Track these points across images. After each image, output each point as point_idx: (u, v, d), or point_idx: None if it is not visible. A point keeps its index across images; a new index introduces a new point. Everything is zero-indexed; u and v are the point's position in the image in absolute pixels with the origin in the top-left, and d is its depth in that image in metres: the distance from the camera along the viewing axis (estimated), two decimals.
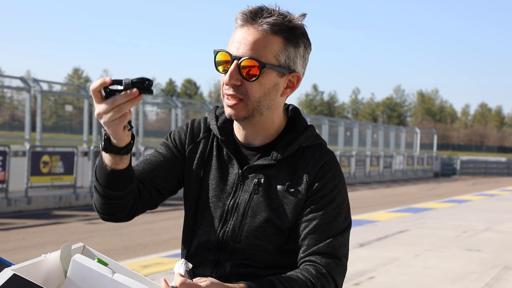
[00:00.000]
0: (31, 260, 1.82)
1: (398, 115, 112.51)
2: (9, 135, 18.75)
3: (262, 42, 2.00)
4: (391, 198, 23.36)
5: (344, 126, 36.09)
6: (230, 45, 2.03)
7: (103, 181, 2.02)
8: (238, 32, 2.03)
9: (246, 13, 2.02)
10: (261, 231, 2.06)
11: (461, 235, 12.48)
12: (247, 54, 1.99)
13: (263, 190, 2.07)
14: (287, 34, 2.02)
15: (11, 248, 10.04)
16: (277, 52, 2.02)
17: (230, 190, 2.11)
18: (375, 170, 36.36)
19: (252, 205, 2.07)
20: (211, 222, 2.11)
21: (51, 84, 21.43)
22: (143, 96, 1.87)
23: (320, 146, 2.15)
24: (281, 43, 2.02)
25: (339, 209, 2.07)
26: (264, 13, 2.02)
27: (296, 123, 2.16)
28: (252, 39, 2.00)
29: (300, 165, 2.09)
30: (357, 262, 9.23)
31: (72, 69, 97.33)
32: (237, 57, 2.00)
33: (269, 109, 2.07)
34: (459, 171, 47.11)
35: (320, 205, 2.05)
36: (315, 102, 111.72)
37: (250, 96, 2.02)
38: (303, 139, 2.12)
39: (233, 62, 2.00)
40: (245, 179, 2.10)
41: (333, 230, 2.04)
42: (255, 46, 2.00)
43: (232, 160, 2.13)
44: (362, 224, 13.73)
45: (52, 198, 16.52)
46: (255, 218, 2.06)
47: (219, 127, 2.16)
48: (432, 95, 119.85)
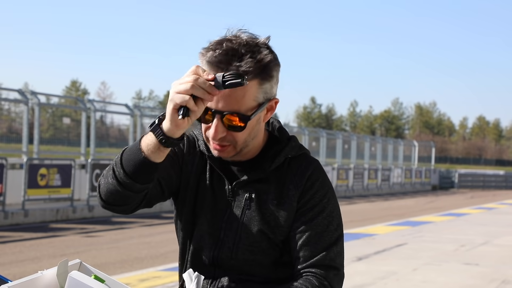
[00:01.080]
0: (28, 276, 1.81)
1: (396, 128, 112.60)
2: (7, 147, 18.73)
3: (241, 92, 1.95)
4: (389, 211, 23.33)
5: (342, 139, 36.10)
6: None
7: (132, 170, 1.93)
8: None
9: (214, 63, 1.94)
10: (256, 246, 2.06)
11: (460, 249, 12.45)
12: (228, 108, 1.96)
13: (254, 205, 2.08)
14: (261, 75, 1.98)
15: (7, 262, 10.00)
16: (255, 95, 1.99)
17: (222, 206, 2.11)
18: (373, 183, 36.35)
19: (245, 220, 2.07)
20: (206, 239, 2.11)
21: (48, 96, 21.43)
22: (141, 110, 1.87)
23: (305, 156, 2.15)
24: (257, 84, 1.98)
25: (330, 217, 2.08)
26: (233, 59, 1.94)
27: (279, 135, 2.17)
28: (229, 92, 1.93)
29: (288, 177, 2.09)
30: (355, 276, 9.20)
31: (70, 81, 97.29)
32: (219, 112, 1.96)
33: (255, 138, 2.08)
34: (457, 184, 47.11)
35: (311, 215, 2.06)
36: (313, 114, 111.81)
37: (237, 141, 2.02)
38: (288, 150, 2.12)
39: (214, 117, 1.97)
40: (236, 194, 2.10)
41: (327, 240, 2.05)
42: (234, 98, 1.95)
43: (222, 176, 2.12)
44: (360, 238, 13.70)
45: (49, 211, 16.48)
46: (249, 234, 2.06)
47: (205, 143, 2.14)
48: (430, 108, 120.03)
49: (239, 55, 1.95)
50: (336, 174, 31.70)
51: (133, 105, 22.90)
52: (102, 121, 25.99)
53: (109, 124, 27.13)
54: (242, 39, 1.99)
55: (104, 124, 26.21)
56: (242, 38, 1.99)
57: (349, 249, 11.83)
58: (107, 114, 25.69)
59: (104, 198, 2.05)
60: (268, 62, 1.99)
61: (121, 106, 22.97)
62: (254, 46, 1.98)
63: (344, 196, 31.98)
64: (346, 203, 27.18)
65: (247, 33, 2.02)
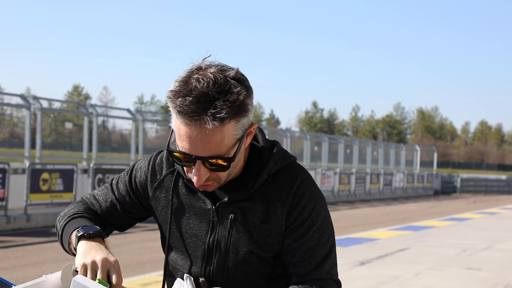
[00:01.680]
0: (32, 280, 1.82)
1: (398, 133, 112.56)
2: (9, 152, 18.76)
3: (219, 137, 1.87)
4: (391, 216, 23.31)
5: (344, 144, 36.09)
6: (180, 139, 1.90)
7: (63, 246, 2.13)
8: (184, 128, 1.87)
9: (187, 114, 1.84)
10: (246, 265, 2.04)
11: (462, 254, 12.44)
12: (208, 153, 1.89)
13: (240, 225, 2.03)
14: (237, 115, 1.88)
15: (10, 266, 10.01)
16: (233, 133, 1.91)
17: (207, 227, 2.06)
18: (375, 188, 36.33)
19: (232, 241, 2.03)
20: (195, 262, 2.08)
21: (51, 101, 21.48)
22: (143, 115, 1.89)
23: (290, 167, 2.08)
24: (233, 124, 1.89)
25: (321, 230, 2.05)
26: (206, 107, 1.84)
27: (261, 148, 2.08)
28: (206, 138, 1.87)
29: (273, 194, 2.04)
30: (357, 281, 9.20)
31: (72, 86, 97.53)
32: (200, 158, 1.90)
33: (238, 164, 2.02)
34: (459, 189, 47.05)
35: (302, 231, 2.03)
36: (315, 119, 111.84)
37: (221, 178, 1.98)
38: (271, 165, 2.05)
39: (195, 162, 1.92)
40: (220, 214, 2.05)
41: (320, 253, 2.04)
42: (213, 143, 1.88)
43: (203, 197, 2.07)
44: (362, 242, 13.69)
45: (52, 216, 16.48)
46: (238, 254, 2.03)
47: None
48: (432, 112, 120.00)
49: (210, 100, 1.84)
50: (338, 179, 31.67)
51: (135, 110, 22.91)
52: (104, 126, 26.03)
53: (111, 128, 27.17)
54: (210, 78, 1.87)
55: (106, 129, 26.25)
56: (209, 76, 1.87)
57: (351, 253, 11.83)
58: (109, 119, 25.75)
59: None
60: (242, 100, 1.88)
61: (123, 111, 22.99)
62: (224, 85, 1.87)
63: (346, 200, 31.95)
64: (348, 208, 27.16)
65: (213, 65, 1.92)
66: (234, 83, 1.88)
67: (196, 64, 1.93)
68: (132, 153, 22.12)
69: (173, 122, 1.93)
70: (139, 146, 22.10)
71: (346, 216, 22.52)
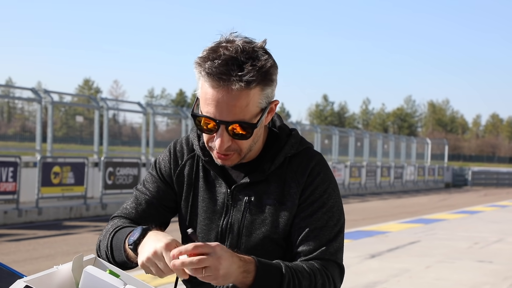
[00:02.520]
0: (43, 271, 1.82)
1: (408, 126, 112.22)
2: (20, 146, 18.83)
3: (244, 101, 1.92)
4: (402, 209, 23.28)
5: (354, 137, 36.02)
6: (206, 104, 1.95)
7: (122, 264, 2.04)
8: (212, 91, 1.93)
9: (215, 74, 1.90)
10: (259, 248, 2.05)
11: (473, 247, 12.41)
12: (233, 118, 1.93)
13: (254, 207, 2.06)
14: (263, 81, 1.95)
15: (22, 259, 10.06)
16: (258, 101, 1.96)
17: (221, 211, 2.09)
18: (386, 181, 36.26)
19: (246, 224, 2.06)
20: None
21: (61, 95, 21.53)
22: (154, 109, 1.89)
23: (306, 151, 2.12)
24: (259, 91, 1.95)
25: (330, 213, 2.06)
26: (234, 69, 1.90)
27: (279, 132, 2.13)
28: (233, 101, 1.91)
29: (288, 176, 2.07)
30: (368, 274, 9.19)
31: (82, 80, 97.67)
32: (223, 122, 1.94)
33: (257, 142, 2.06)
34: (470, 182, 46.90)
35: (311, 211, 2.05)
36: (325, 112, 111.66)
37: (242, 149, 2.01)
38: (288, 148, 2.09)
39: (219, 127, 1.95)
40: (235, 198, 2.08)
41: (326, 235, 2.04)
42: (239, 107, 1.93)
43: (219, 180, 2.10)
44: (373, 235, 13.68)
45: (63, 209, 16.55)
46: (251, 237, 2.05)
47: (201, 147, 2.12)
48: (443, 105, 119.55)
49: (239, 64, 1.91)
50: (349, 172, 31.63)
51: (145, 103, 22.95)
52: (115, 120, 26.09)
53: (122, 122, 27.23)
54: (239, 45, 1.94)
55: (117, 122, 26.31)
56: (237, 44, 1.94)
57: (361, 246, 11.82)
58: (120, 112, 25.80)
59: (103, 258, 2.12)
60: (269, 67, 1.95)
61: (133, 104, 23.03)
62: (252, 52, 1.94)
63: (357, 193, 31.91)
64: (359, 201, 27.13)
65: (241, 37, 1.98)
66: (261, 52, 1.95)
67: (223, 37, 1.98)
68: (143, 147, 22.16)
69: (199, 89, 1.97)
70: (149, 139, 22.14)
71: (357, 209, 22.50)
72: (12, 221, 14.94)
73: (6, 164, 14.90)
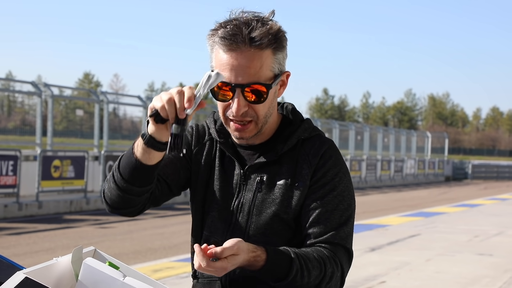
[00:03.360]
0: (42, 263, 1.82)
1: (409, 119, 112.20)
2: (20, 139, 18.83)
3: (258, 63, 1.98)
4: (402, 202, 23.29)
5: (354, 130, 36.01)
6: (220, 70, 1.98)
7: (127, 174, 1.99)
8: (226, 56, 1.98)
9: (228, 37, 1.97)
10: (268, 227, 2.07)
11: (473, 240, 12.42)
12: (248, 80, 1.98)
13: (266, 187, 2.08)
14: (274, 44, 2.01)
15: (22, 253, 10.07)
16: (271, 65, 2.01)
17: (234, 191, 2.12)
18: (386, 174, 36.27)
19: (256, 203, 2.08)
20: (219, 224, 2.12)
21: (61, 88, 21.49)
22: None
23: (319, 136, 2.15)
24: (271, 54, 2.01)
25: (340, 196, 2.07)
26: (245, 31, 1.97)
27: (293, 117, 2.17)
28: (247, 63, 1.97)
29: (301, 157, 2.09)
30: (368, 267, 9.20)
31: (82, 73, 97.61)
32: (239, 85, 1.98)
33: (271, 115, 2.09)
34: (470, 175, 46.92)
35: (322, 193, 2.06)
36: (325, 106, 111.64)
37: (259, 115, 2.04)
38: (301, 131, 2.12)
39: (235, 91, 1.99)
40: (248, 178, 2.11)
41: (337, 219, 2.05)
42: (253, 69, 1.98)
43: (233, 161, 2.14)
44: (373, 229, 13.69)
45: (63, 203, 16.56)
46: (261, 216, 2.07)
47: (217, 130, 2.16)
48: (443, 99, 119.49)
49: (251, 27, 1.98)
50: (349, 166, 31.62)
51: (145, 97, 22.89)
52: (115, 113, 26.09)
53: (122, 116, 27.22)
54: (249, 15, 2.02)
55: (117, 116, 26.30)
56: (248, 15, 2.03)
57: (362, 239, 11.83)
58: (120, 106, 25.78)
59: (109, 203, 2.09)
60: (278, 29, 2.02)
61: (133, 98, 23.01)
62: (263, 19, 2.02)
63: (357, 187, 31.93)
64: (359, 195, 27.15)
65: (250, 12, 2.05)
66: (270, 20, 2.04)
67: (233, 12, 2.06)
68: None
69: (214, 60, 2.02)
70: None
71: (357, 202, 21.99)
72: (12, 214, 14.95)
73: (6, 157, 14.90)
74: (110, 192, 2.05)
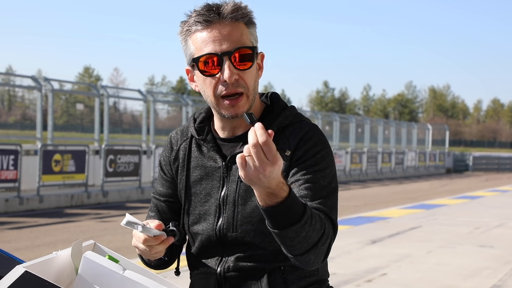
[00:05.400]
0: (42, 257, 1.82)
1: (409, 112, 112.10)
2: (21, 134, 18.84)
3: (238, 31, 2.03)
4: (403, 194, 23.30)
5: (355, 123, 36.01)
6: (204, 48, 2.04)
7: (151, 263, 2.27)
8: (205, 33, 2.04)
9: (204, 13, 2.03)
10: (254, 216, 2.06)
11: (474, 231, 12.43)
12: (233, 46, 2.02)
13: None
14: (246, 17, 2.06)
15: (23, 247, 10.08)
16: (249, 36, 2.06)
17: (218, 184, 2.13)
18: (387, 167, 36.28)
19: (240, 193, 2.08)
20: (208, 219, 2.13)
21: (62, 83, 21.48)
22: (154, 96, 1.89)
23: (301, 122, 2.13)
24: (246, 27, 2.06)
25: (322, 172, 2.04)
26: (218, 6, 2.04)
27: (275, 106, 2.17)
28: (228, 31, 2.02)
29: (281, 142, 2.07)
30: (369, 259, 9.21)
31: (83, 67, 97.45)
32: (226, 52, 2.02)
33: (256, 94, 2.11)
34: (471, 167, 46.93)
35: (301, 168, 2.04)
36: (326, 99, 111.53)
37: (248, 86, 2.05)
38: (281, 119, 2.12)
39: (223, 61, 2.02)
40: (230, 170, 2.11)
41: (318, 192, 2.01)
42: (235, 37, 2.02)
43: (215, 155, 2.14)
44: (374, 221, 13.70)
45: (64, 197, 16.58)
46: (246, 205, 2.07)
47: (196, 128, 2.19)
48: (444, 91, 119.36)
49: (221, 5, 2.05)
50: (350, 158, 31.64)
51: (146, 91, 22.92)
52: (115, 107, 26.07)
53: (122, 110, 27.22)
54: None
55: (118, 110, 26.30)
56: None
57: (363, 232, 11.84)
58: (120, 100, 25.76)
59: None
60: (245, 7, 2.07)
61: (134, 92, 23.00)
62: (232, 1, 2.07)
63: (358, 180, 31.94)
64: (360, 187, 27.15)
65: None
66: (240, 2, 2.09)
67: None
68: (143, 134, 22.16)
69: (191, 48, 2.07)
70: (150, 127, 22.13)
71: (358, 195, 22.52)
72: (13, 209, 14.97)
73: (7, 152, 14.91)
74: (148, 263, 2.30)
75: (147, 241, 1.96)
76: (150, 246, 1.97)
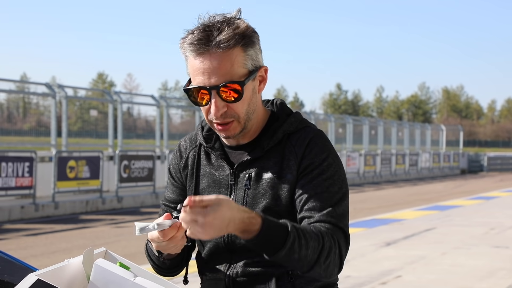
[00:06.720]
0: (54, 265, 1.85)
1: (423, 113, 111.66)
2: (36, 141, 18.95)
3: (228, 63, 2.01)
4: (417, 196, 23.23)
5: (368, 125, 35.94)
6: (195, 77, 2.04)
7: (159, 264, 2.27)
8: (197, 61, 2.03)
9: (196, 42, 2.02)
10: None
11: (489, 232, 12.38)
12: (221, 80, 2.01)
13: (254, 183, 2.10)
14: (242, 41, 2.03)
15: (39, 253, 10.14)
16: (243, 62, 2.04)
17: (226, 192, 2.14)
18: (401, 168, 36.17)
19: (247, 200, 2.10)
20: None
21: (76, 89, 21.60)
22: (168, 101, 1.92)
23: (305, 129, 2.15)
24: (241, 52, 2.03)
25: (330, 180, 2.05)
26: (212, 33, 2.02)
27: (280, 112, 2.18)
28: (217, 64, 2.01)
29: (287, 150, 2.10)
30: (383, 261, 9.19)
31: (96, 74, 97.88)
32: (214, 87, 2.02)
33: (255, 111, 2.11)
34: (486, 168, 46.68)
35: (310, 177, 2.05)
36: (339, 101, 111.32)
37: (239, 114, 2.06)
38: (287, 126, 2.13)
39: (211, 94, 2.03)
40: (237, 177, 2.13)
41: (328, 201, 2.02)
42: (224, 68, 2.01)
43: (223, 163, 2.16)
44: (389, 223, 13.67)
45: (79, 203, 16.66)
46: None
47: (204, 136, 2.22)
48: (457, 91, 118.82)
49: (216, 28, 2.02)
50: (364, 160, 31.57)
51: (159, 96, 22.96)
52: (129, 113, 26.19)
53: (136, 115, 27.33)
54: (215, 19, 2.06)
55: (131, 116, 26.41)
56: (215, 18, 2.06)
57: (377, 234, 11.82)
58: (134, 105, 25.89)
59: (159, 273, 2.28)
60: (244, 28, 2.05)
61: (147, 97, 23.08)
62: (227, 19, 2.05)
63: (372, 182, 31.87)
64: (374, 189, 27.09)
65: (218, 14, 2.08)
66: (236, 19, 2.07)
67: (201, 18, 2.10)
68: (157, 139, 22.22)
69: (188, 68, 2.08)
70: (163, 132, 22.20)
71: (372, 197, 22.47)
72: (29, 215, 15.05)
73: (22, 159, 15.01)
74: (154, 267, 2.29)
75: (166, 235, 1.94)
76: (171, 238, 1.94)
